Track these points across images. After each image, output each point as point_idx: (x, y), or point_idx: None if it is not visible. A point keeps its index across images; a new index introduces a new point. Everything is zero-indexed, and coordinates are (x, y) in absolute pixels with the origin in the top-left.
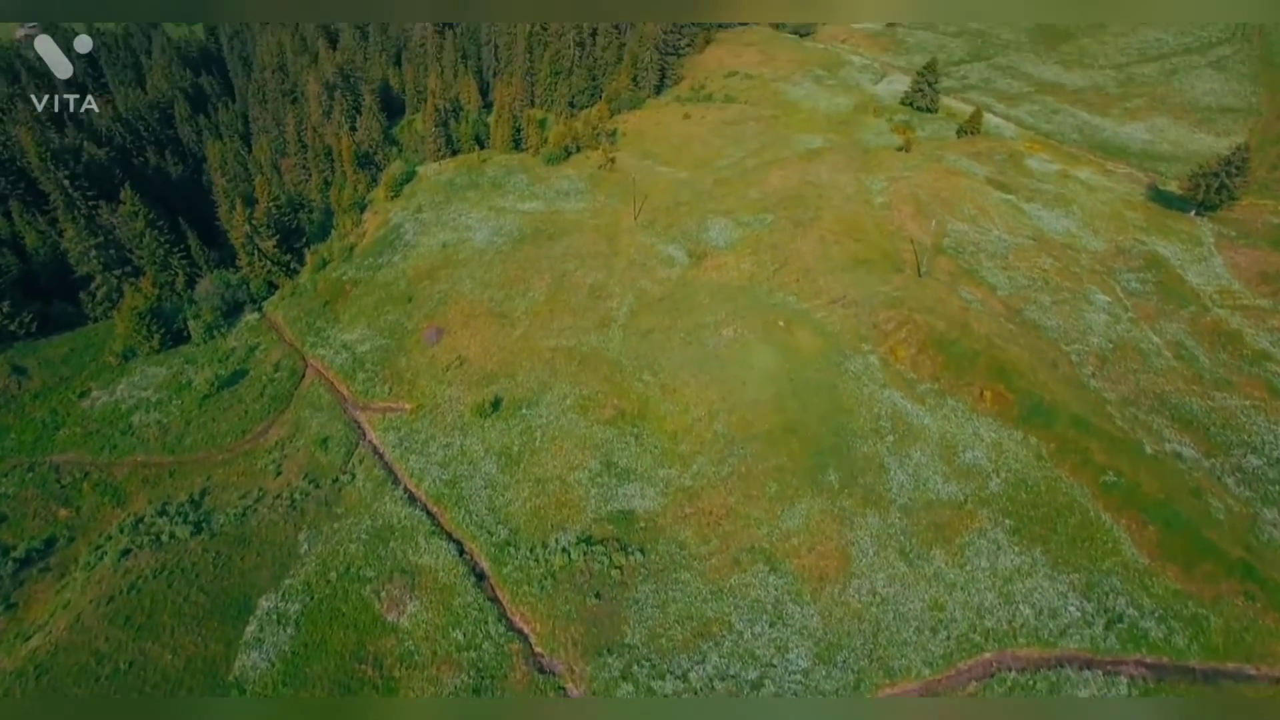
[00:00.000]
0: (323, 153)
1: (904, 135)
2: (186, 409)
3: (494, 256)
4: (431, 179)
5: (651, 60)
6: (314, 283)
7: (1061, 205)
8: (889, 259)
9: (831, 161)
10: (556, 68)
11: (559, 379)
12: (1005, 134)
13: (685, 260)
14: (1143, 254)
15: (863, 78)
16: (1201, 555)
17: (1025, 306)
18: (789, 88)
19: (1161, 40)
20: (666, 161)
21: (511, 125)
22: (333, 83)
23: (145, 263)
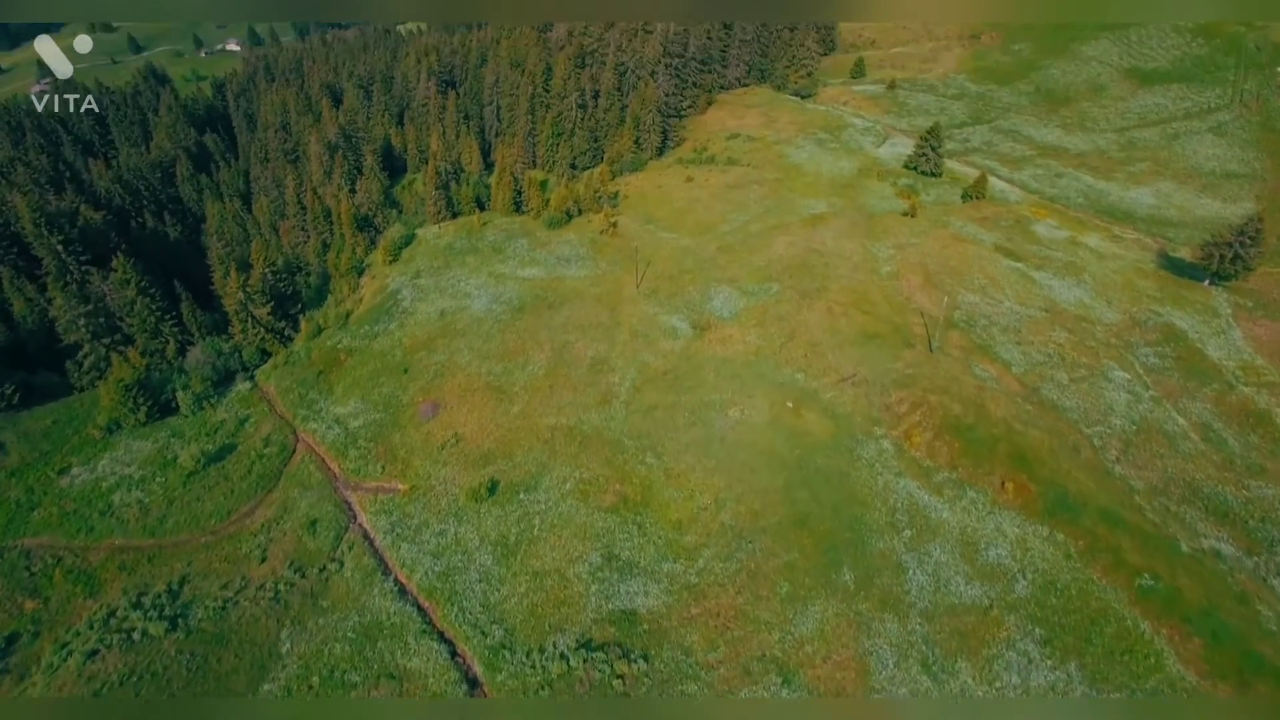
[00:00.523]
0: (322, 215)
1: (909, 200)
2: (170, 487)
3: (493, 326)
4: (431, 242)
5: (654, 122)
6: (308, 351)
7: (1072, 274)
8: (899, 332)
9: (836, 227)
10: (558, 129)
11: (558, 460)
12: (1011, 199)
13: (689, 332)
14: (1159, 326)
15: (865, 140)
16: (1256, 672)
17: (1042, 384)
18: (791, 150)
19: (1160, 105)
20: (669, 226)
21: (512, 188)
22: (334, 143)
23: (136, 330)
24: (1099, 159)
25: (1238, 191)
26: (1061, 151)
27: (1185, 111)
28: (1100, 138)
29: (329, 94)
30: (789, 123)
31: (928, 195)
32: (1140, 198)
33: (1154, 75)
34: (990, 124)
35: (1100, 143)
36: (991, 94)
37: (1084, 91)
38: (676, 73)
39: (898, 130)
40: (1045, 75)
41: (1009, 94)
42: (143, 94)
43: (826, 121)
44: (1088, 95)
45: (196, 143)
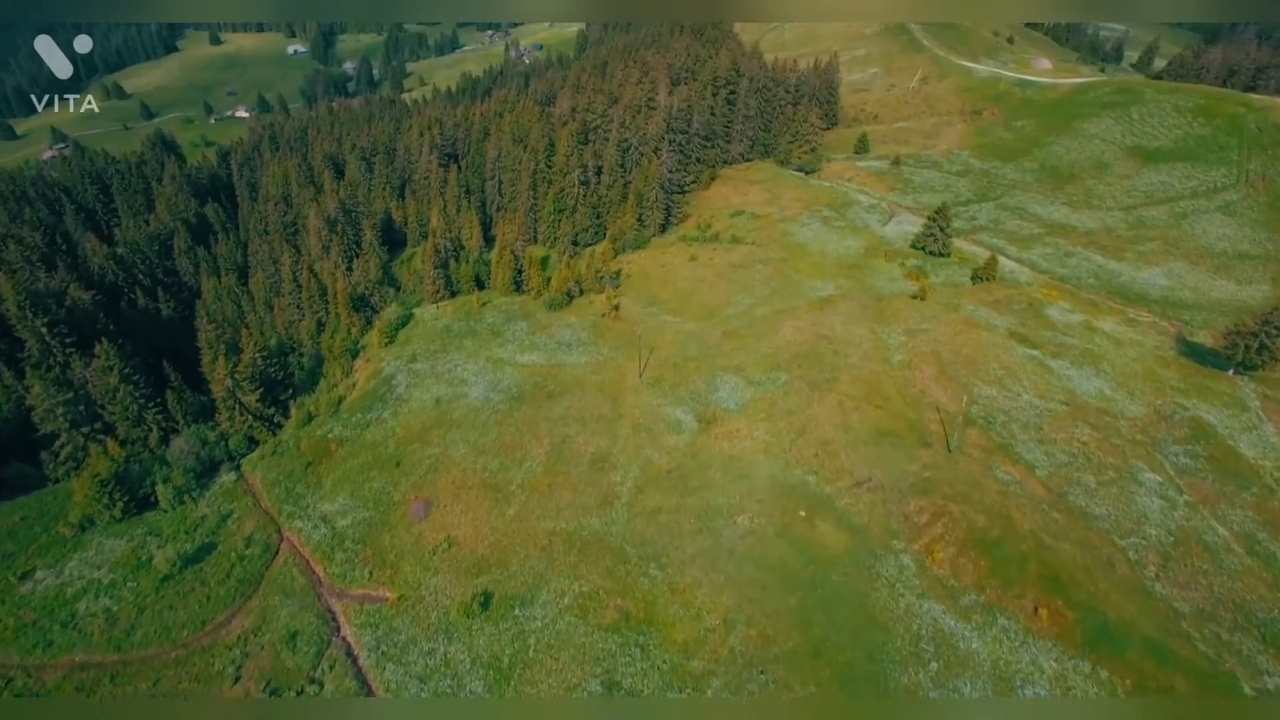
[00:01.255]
0: (318, 293)
1: (918, 282)
2: (141, 593)
3: (490, 416)
4: (428, 324)
5: (657, 199)
6: (297, 440)
7: (1091, 362)
8: (914, 430)
9: (845, 311)
10: (560, 205)
11: (556, 571)
12: (1021, 279)
13: (694, 425)
14: (1186, 421)
15: (871, 218)
16: None
17: (1068, 489)
18: (797, 229)
19: (1166, 184)
20: (673, 309)
21: (513, 266)
22: (334, 217)
23: (117, 419)
24: (1108, 237)
25: (1252, 273)
26: (1069, 230)
27: (1191, 190)
28: (1108, 216)
29: (331, 165)
30: (793, 199)
31: (937, 276)
32: (1152, 279)
33: (1157, 154)
34: (996, 201)
35: (1108, 221)
36: (996, 170)
37: (1088, 169)
38: (680, 148)
39: (903, 208)
40: (1049, 152)
41: (1014, 171)
42: (148, 163)
43: (831, 198)
44: (1092, 173)
45: (197, 214)
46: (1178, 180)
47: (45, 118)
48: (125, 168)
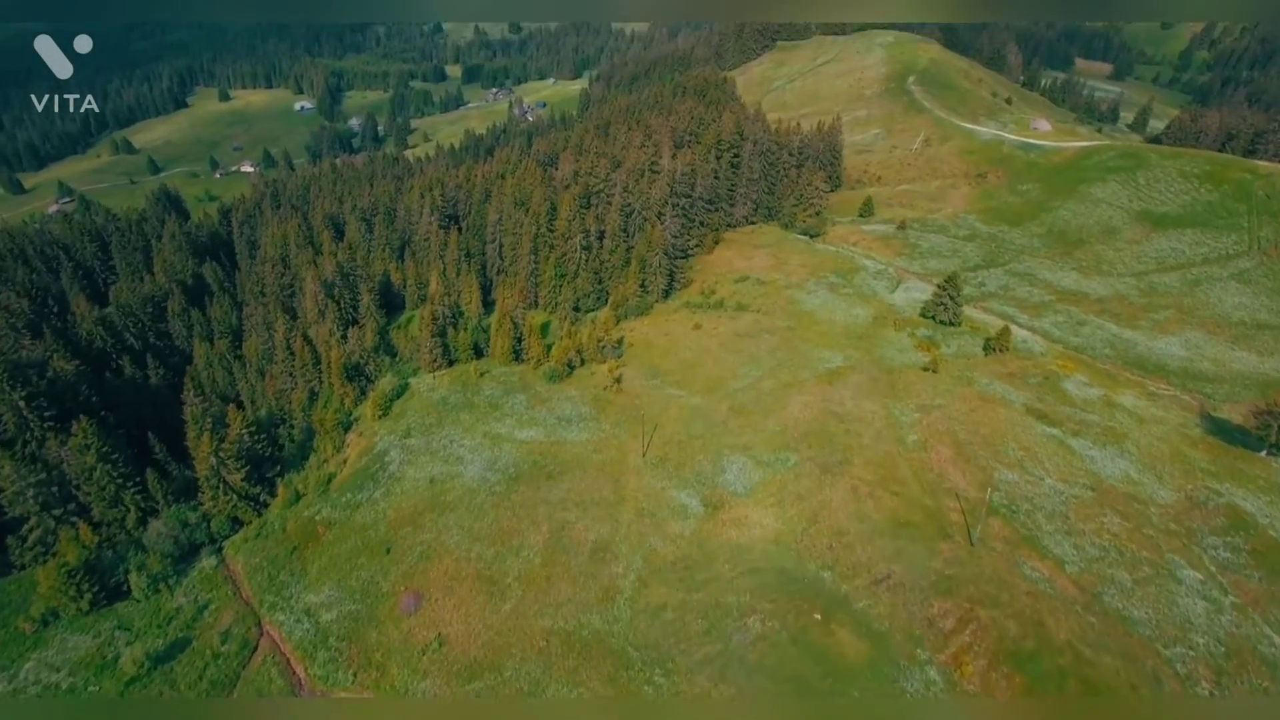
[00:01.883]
0: (311, 362)
1: (929, 353)
2: (103, 699)
3: (486, 499)
4: (424, 395)
5: (660, 265)
6: (283, 521)
7: (1114, 441)
8: (933, 519)
9: (854, 384)
10: (561, 270)
11: (554, 677)
12: (1034, 349)
13: (700, 510)
14: (1222, 509)
15: (878, 285)
16: None
17: (1103, 588)
18: (803, 296)
19: (1177, 250)
20: (677, 382)
21: (512, 334)
22: (331, 281)
23: (92, 500)
24: (1120, 305)
25: (1273, 344)
26: (1081, 297)
27: (1203, 257)
28: (1119, 282)
29: (331, 225)
30: (799, 265)
31: (948, 347)
32: (1169, 349)
33: (1165, 219)
34: (1005, 267)
35: (1119, 287)
36: (1003, 235)
37: (1096, 234)
38: (683, 212)
39: (911, 273)
40: (1056, 217)
41: (1021, 235)
42: (148, 220)
43: (837, 264)
44: (1101, 238)
45: (194, 274)
46: (1188, 246)
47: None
48: (125, 225)
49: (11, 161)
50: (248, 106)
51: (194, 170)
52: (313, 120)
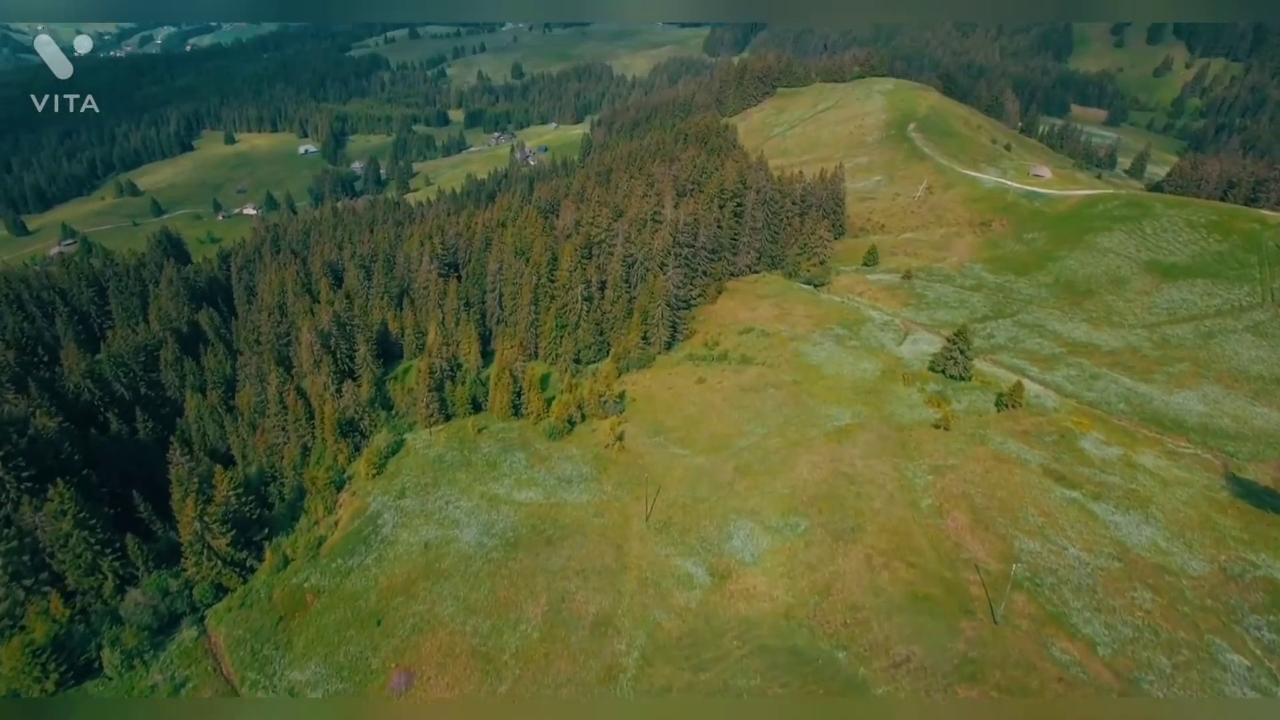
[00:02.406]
0: (304, 417)
1: (940, 409)
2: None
3: (482, 566)
4: (420, 453)
5: (662, 316)
6: (270, 588)
7: (1138, 506)
8: (953, 594)
9: (864, 443)
10: (562, 321)
11: None
12: (1047, 405)
13: (706, 580)
14: (1260, 583)
15: (885, 337)
16: None
17: (1139, 673)
18: (809, 348)
19: (1188, 301)
20: (680, 439)
21: (511, 389)
22: (327, 331)
23: (67, 569)
24: (1133, 357)
25: None
26: (1092, 349)
27: (1216, 309)
28: (1130, 334)
29: (330, 272)
30: (804, 315)
31: (959, 402)
32: (1187, 404)
33: (1175, 270)
34: (1013, 318)
35: (1131, 339)
36: (1010, 285)
37: (1105, 284)
38: (686, 261)
39: (918, 324)
40: (1063, 266)
41: (1029, 285)
42: (146, 265)
43: (843, 315)
44: (1110, 288)
45: (190, 321)
46: (1199, 298)
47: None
48: (123, 270)
49: (17, 203)
50: (252, 150)
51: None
52: (316, 163)
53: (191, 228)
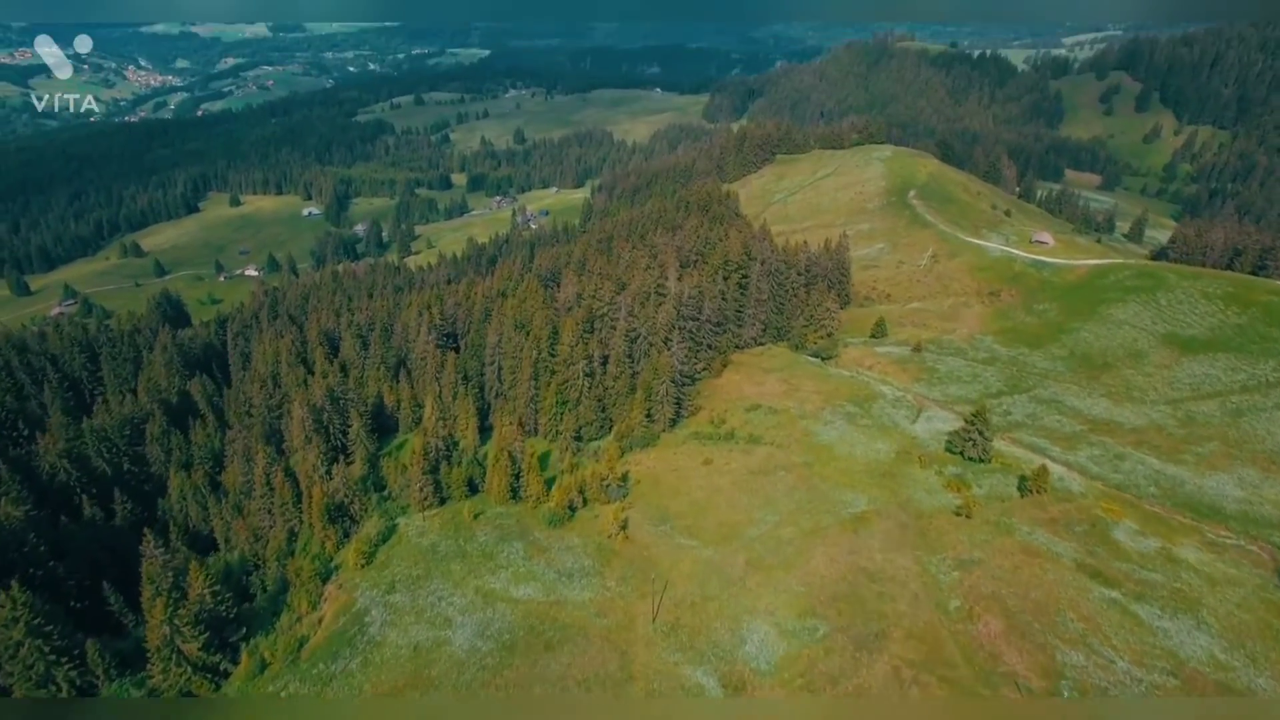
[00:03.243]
0: (292, 500)
1: (960, 493)
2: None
3: (476, 674)
4: (412, 541)
5: (667, 393)
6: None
7: (1186, 609)
8: None
9: (883, 533)
10: (563, 397)
11: None
12: (1072, 487)
13: (719, 692)
14: None
15: (898, 414)
16: None
17: None
18: (819, 427)
19: (1211, 376)
20: (687, 528)
21: (510, 471)
22: (320, 406)
23: (16, 682)
24: (1159, 436)
25: None
26: (1115, 426)
27: (1241, 385)
28: (1153, 410)
29: (326, 341)
30: (813, 391)
31: (979, 486)
32: (1222, 488)
33: (1194, 343)
34: (1029, 393)
35: (1154, 416)
36: (1024, 358)
37: (1123, 357)
38: (690, 335)
39: (930, 400)
40: (1077, 339)
41: (1043, 359)
42: (141, 331)
43: (853, 390)
44: (1128, 362)
45: (180, 391)
46: (1223, 373)
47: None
48: (117, 335)
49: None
50: (257, 211)
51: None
52: (319, 226)
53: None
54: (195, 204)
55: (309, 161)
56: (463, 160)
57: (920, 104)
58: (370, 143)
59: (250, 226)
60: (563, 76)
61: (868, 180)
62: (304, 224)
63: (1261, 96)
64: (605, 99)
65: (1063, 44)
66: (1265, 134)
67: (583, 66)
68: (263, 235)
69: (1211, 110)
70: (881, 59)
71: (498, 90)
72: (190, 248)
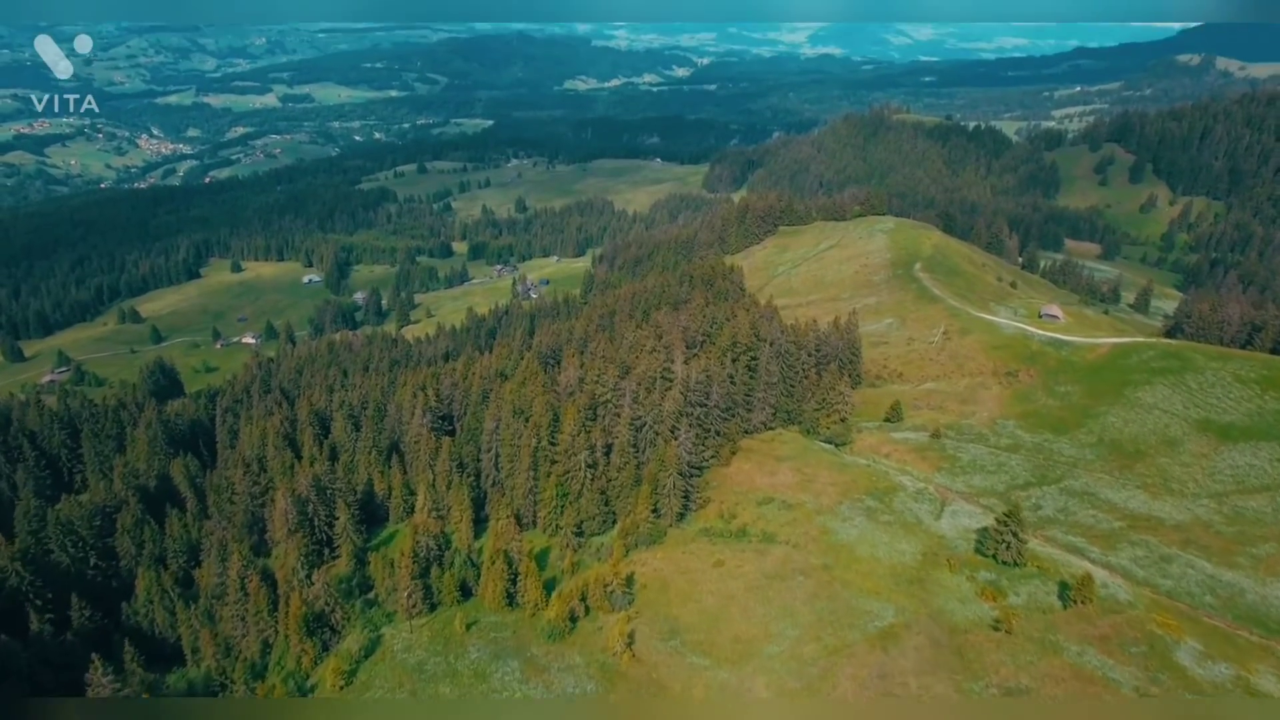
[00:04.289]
0: (267, 608)
1: (995, 603)
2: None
3: None
4: (398, 657)
5: (674, 486)
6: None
7: None
8: None
9: (915, 652)
10: (564, 490)
11: None
12: (1119, 596)
13: None
14: None
15: (921, 509)
16: None
17: None
18: (838, 524)
19: (1256, 467)
20: (699, 643)
21: (506, 575)
22: (305, 497)
23: None
24: (1206, 535)
25: None
26: (1156, 523)
27: None
28: (1196, 505)
29: (317, 421)
30: (829, 483)
31: (1016, 594)
32: None
33: (1232, 431)
34: (1059, 484)
35: (1198, 512)
36: (1050, 445)
37: (1156, 445)
38: (698, 422)
39: (954, 493)
40: (1105, 424)
41: (1070, 446)
42: (126, 405)
43: (872, 482)
44: (1162, 450)
45: (160, 475)
46: (1268, 464)
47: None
48: (101, 411)
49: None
50: (258, 278)
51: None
52: (319, 293)
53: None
54: (197, 270)
55: (311, 229)
56: (464, 228)
57: (918, 174)
58: (373, 210)
59: (250, 293)
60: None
61: (872, 253)
62: (304, 291)
63: (1252, 169)
64: (606, 169)
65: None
66: (1259, 205)
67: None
68: (262, 302)
69: (1204, 182)
70: (879, 130)
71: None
72: (189, 314)
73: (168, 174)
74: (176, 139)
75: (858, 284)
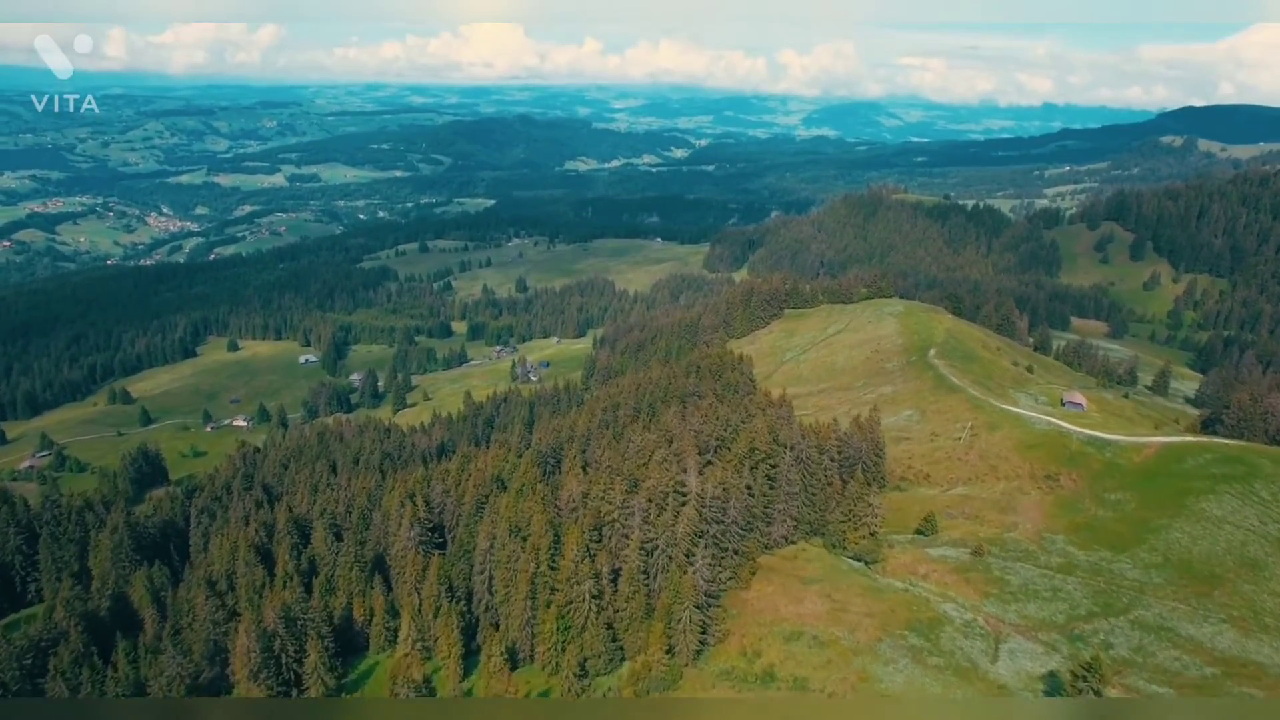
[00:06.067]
0: None
1: None
2: None
3: None
4: None
5: (690, 620)
6: None
7: None
8: None
9: None
10: (566, 623)
11: None
12: None
13: None
14: None
15: (973, 647)
16: None
17: None
18: (879, 668)
19: None
20: None
21: None
22: (272, 631)
23: None
24: None
25: None
26: (1256, 669)
27: None
28: None
29: (296, 530)
30: (864, 613)
31: None
32: None
33: None
34: (1128, 615)
35: None
36: (1109, 565)
37: (1235, 568)
38: (714, 541)
39: (1008, 625)
40: (1170, 541)
41: (1132, 567)
42: (93, 507)
43: (911, 611)
44: (1243, 574)
45: (115, 594)
46: None
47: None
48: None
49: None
50: (254, 357)
51: (185, 423)
52: (315, 373)
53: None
54: (194, 348)
55: (310, 307)
56: (464, 308)
57: (919, 253)
58: (373, 289)
59: (245, 373)
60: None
61: (883, 337)
62: (300, 371)
63: (1253, 247)
64: (607, 248)
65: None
66: (1264, 283)
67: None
68: (257, 383)
69: (1206, 259)
70: (878, 210)
71: (501, 239)
72: (181, 394)
73: (174, 250)
74: (185, 216)
75: (870, 371)
